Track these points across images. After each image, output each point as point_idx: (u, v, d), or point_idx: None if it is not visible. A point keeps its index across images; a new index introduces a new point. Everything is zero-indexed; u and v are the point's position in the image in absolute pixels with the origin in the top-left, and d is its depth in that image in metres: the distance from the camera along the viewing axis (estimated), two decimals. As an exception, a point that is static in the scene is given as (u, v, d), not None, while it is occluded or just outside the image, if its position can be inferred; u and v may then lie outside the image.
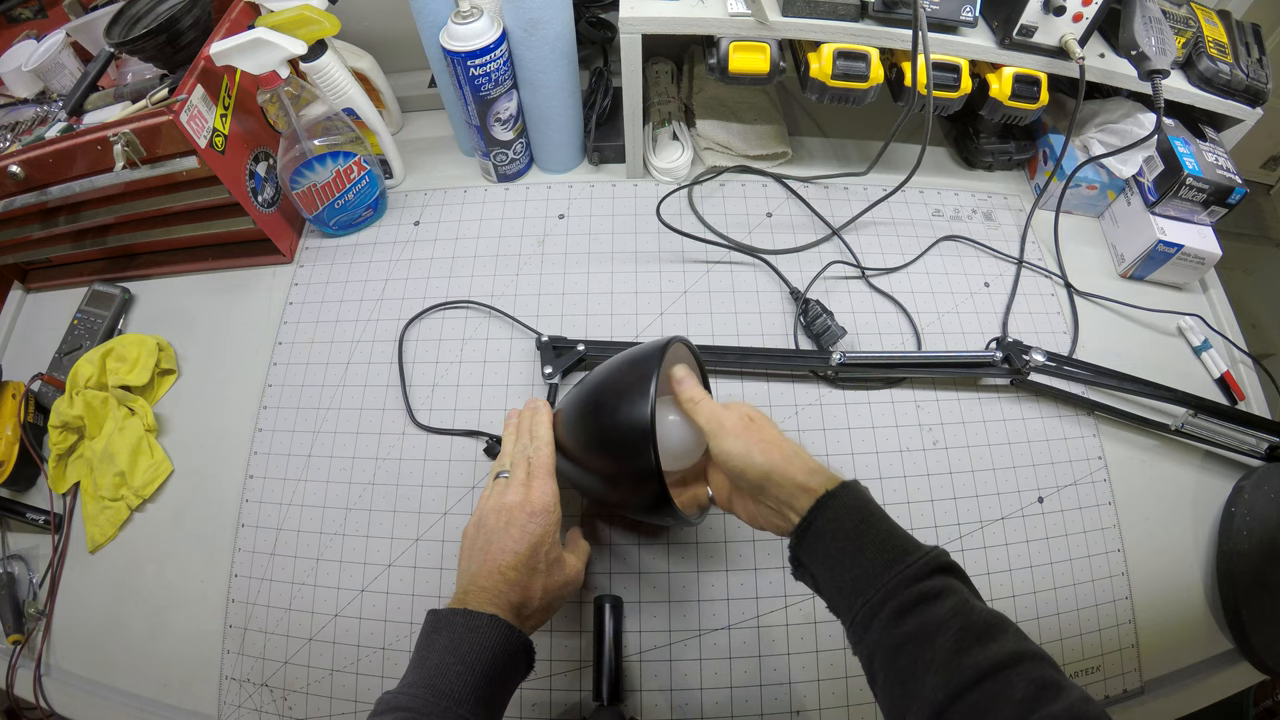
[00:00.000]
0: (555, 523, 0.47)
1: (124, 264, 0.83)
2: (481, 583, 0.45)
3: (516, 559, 0.45)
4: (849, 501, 0.44)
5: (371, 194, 0.81)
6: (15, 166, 0.68)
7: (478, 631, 0.43)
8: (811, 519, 0.44)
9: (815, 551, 0.44)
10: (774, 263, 0.78)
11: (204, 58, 0.67)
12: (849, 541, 0.42)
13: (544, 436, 0.52)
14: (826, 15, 0.68)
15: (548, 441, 0.51)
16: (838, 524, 0.43)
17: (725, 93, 0.88)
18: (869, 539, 0.42)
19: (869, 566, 0.41)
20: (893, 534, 0.42)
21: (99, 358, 0.73)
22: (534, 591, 0.46)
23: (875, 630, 0.39)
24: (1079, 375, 0.71)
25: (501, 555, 0.46)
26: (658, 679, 0.60)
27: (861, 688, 0.60)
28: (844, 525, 0.43)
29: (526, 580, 0.45)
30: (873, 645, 0.39)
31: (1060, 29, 0.68)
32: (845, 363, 0.67)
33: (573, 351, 0.70)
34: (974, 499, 0.67)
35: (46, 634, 0.67)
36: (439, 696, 0.40)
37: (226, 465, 0.70)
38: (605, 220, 0.82)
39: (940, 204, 0.85)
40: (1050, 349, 0.70)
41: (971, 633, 0.37)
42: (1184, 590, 0.66)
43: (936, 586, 0.39)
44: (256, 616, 0.64)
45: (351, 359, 0.74)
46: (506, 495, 0.49)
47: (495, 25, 0.70)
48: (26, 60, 0.80)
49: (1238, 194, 0.73)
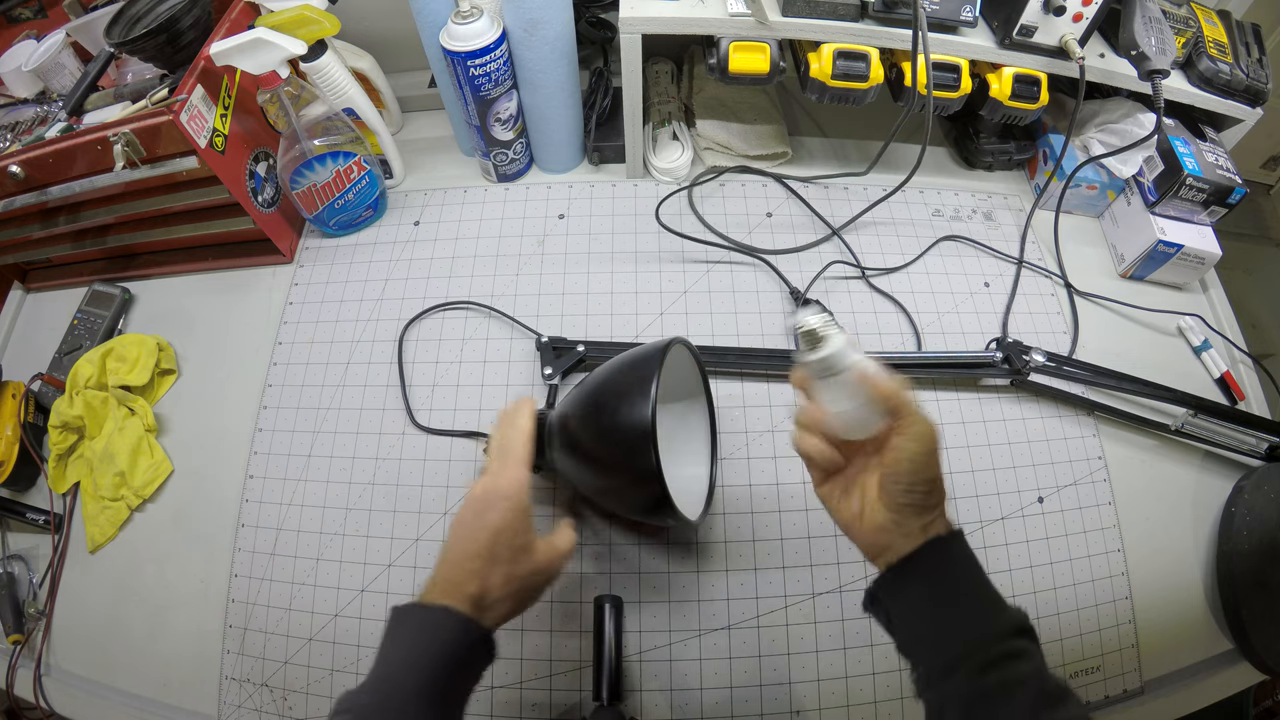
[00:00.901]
0: (519, 509, 0.46)
1: (124, 264, 0.83)
2: (444, 573, 0.45)
3: (476, 547, 0.45)
4: (955, 552, 0.44)
5: (371, 194, 0.81)
6: (15, 166, 0.68)
7: (431, 625, 0.43)
8: (918, 559, 0.43)
9: (906, 591, 0.43)
10: (774, 263, 0.78)
11: (204, 58, 0.67)
12: (948, 590, 0.43)
13: (521, 425, 0.50)
14: (826, 15, 0.68)
15: (524, 429, 0.50)
16: (941, 571, 0.43)
17: (725, 93, 0.88)
18: (964, 591, 0.43)
19: (961, 619, 0.42)
20: (986, 587, 0.43)
21: (99, 358, 0.73)
22: (493, 581, 0.44)
23: (955, 680, 0.40)
24: (1079, 375, 0.71)
25: (461, 544, 0.45)
26: (658, 679, 0.60)
27: (862, 688, 0.60)
28: (949, 574, 0.43)
29: (486, 570, 0.44)
30: (949, 694, 0.40)
31: (1060, 29, 0.68)
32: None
33: (572, 352, 0.70)
34: (974, 499, 0.67)
35: (46, 634, 0.67)
36: (393, 692, 0.41)
37: (226, 465, 0.70)
38: (605, 220, 0.82)
39: (940, 204, 0.85)
40: (1050, 349, 0.70)
41: (1048, 696, 0.39)
42: (1184, 590, 0.66)
43: (1020, 647, 0.40)
44: (256, 616, 0.64)
45: (351, 359, 0.74)
46: (476, 486, 0.48)
47: (495, 25, 0.70)
48: (26, 60, 0.80)
49: (1238, 194, 0.73)
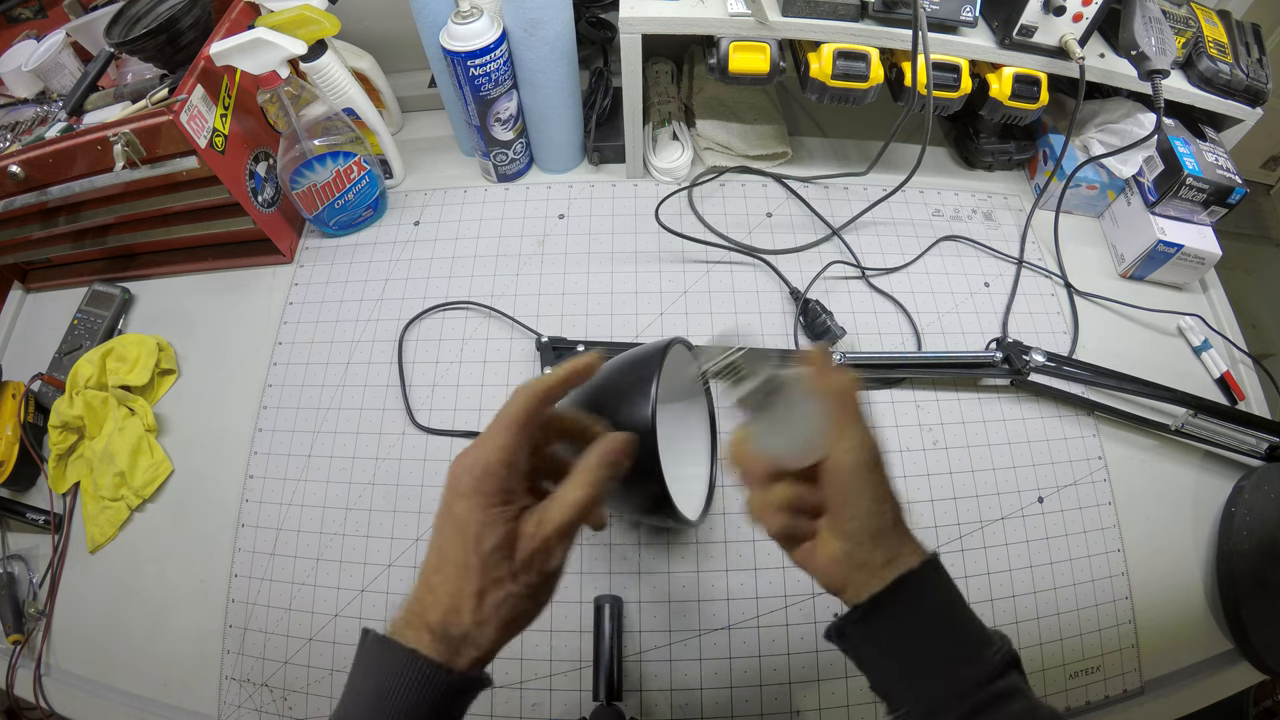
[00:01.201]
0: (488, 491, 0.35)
1: (124, 264, 0.83)
2: (415, 592, 0.36)
3: (439, 558, 0.35)
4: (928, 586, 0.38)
5: (371, 194, 0.81)
6: (15, 166, 0.68)
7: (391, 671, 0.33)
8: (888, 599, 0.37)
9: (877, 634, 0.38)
10: (774, 263, 0.78)
11: (204, 58, 0.67)
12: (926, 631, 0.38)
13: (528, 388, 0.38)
14: (826, 15, 0.68)
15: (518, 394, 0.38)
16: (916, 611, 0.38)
17: (725, 93, 0.88)
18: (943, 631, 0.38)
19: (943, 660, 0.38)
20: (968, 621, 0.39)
21: (99, 358, 0.73)
22: (463, 601, 0.34)
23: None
24: (1079, 375, 0.71)
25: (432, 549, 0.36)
26: (658, 679, 0.60)
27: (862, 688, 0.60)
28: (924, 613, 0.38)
29: (455, 586, 0.34)
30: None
31: (1060, 29, 0.68)
32: (846, 364, 0.67)
33: (572, 352, 0.70)
34: (974, 499, 0.67)
35: (46, 634, 0.67)
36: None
37: (226, 465, 0.70)
38: (605, 220, 0.82)
39: (940, 204, 0.85)
40: (1050, 349, 0.70)
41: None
42: (1184, 590, 0.66)
43: (1008, 687, 0.38)
44: (256, 616, 0.64)
45: (351, 359, 0.74)
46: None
47: (495, 25, 0.70)
48: (26, 60, 0.80)
49: (1238, 194, 0.73)
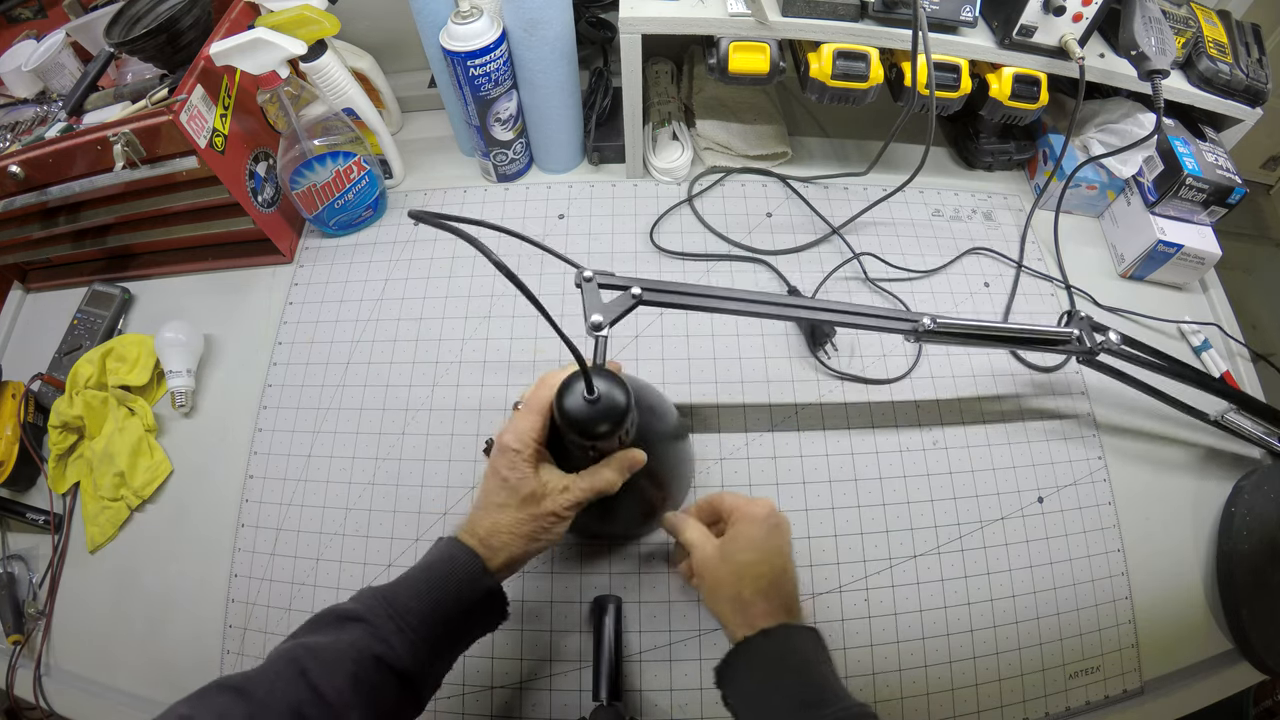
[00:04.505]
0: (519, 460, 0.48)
1: (124, 264, 0.83)
2: (470, 518, 0.50)
3: (486, 499, 0.49)
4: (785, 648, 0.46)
5: (371, 194, 0.81)
6: (15, 166, 0.68)
7: (446, 561, 0.47)
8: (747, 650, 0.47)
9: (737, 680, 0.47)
10: (774, 263, 0.78)
11: (204, 58, 0.67)
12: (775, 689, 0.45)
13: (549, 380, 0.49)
14: (826, 15, 0.68)
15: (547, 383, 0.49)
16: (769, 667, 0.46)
17: (725, 93, 0.88)
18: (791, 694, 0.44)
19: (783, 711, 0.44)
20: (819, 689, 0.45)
21: (99, 358, 0.73)
22: (502, 522, 0.48)
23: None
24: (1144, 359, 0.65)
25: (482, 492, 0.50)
26: (658, 679, 0.60)
27: (861, 687, 0.60)
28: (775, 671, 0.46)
29: (495, 513, 0.48)
30: None
31: (1060, 29, 0.68)
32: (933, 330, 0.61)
33: (624, 295, 0.53)
34: (974, 499, 0.67)
35: (46, 634, 0.67)
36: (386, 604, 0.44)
37: (226, 465, 0.70)
38: (605, 220, 0.82)
39: (940, 204, 0.85)
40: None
41: None
42: (1184, 590, 0.66)
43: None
44: (256, 617, 0.64)
45: (351, 359, 0.74)
46: None
47: (495, 25, 0.70)
48: (26, 60, 0.80)
49: (1237, 194, 0.73)
